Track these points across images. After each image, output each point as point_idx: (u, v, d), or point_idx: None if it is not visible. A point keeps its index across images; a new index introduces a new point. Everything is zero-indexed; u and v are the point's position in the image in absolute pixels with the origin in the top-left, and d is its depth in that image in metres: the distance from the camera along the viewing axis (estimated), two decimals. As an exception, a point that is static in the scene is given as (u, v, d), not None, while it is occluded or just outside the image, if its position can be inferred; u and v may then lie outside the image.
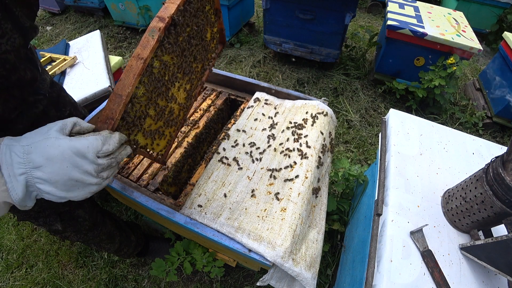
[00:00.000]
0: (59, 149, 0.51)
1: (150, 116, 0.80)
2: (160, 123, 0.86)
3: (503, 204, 0.76)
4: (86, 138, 0.54)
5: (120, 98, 0.66)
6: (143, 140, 0.81)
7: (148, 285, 1.67)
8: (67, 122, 0.57)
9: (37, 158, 0.50)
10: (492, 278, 0.83)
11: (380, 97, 2.84)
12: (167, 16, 0.73)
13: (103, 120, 0.65)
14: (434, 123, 1.24)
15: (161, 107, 0.83)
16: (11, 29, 0.67)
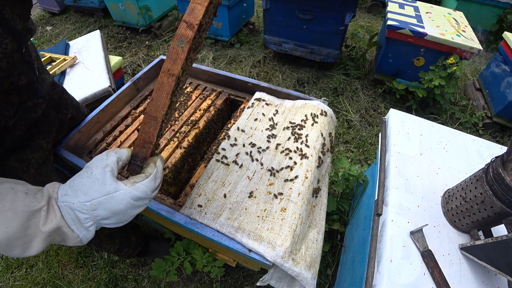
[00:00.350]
0: (123, 203, 0.56)
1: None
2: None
3: (503, 204, 0.76)
4: (143, 183, 0.58)
5: (155, 120, 0.64)
6: None
7: (148, 285, 1.67)
8: (113, 166, 0.58)
9: (103, 213, 0.56)
10: (492, 278, 0.83)
11: (380, 97, 2.84)
12: (196, 23, 0.62)
13: (140, 144, 0.64)
14: (434, 123, 1.24)
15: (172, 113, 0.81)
16: (1, 34, 0.62)
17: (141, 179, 0.59)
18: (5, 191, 0.51)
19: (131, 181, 0.58)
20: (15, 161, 0.88)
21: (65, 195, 0.55)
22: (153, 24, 3.74)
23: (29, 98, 0.87)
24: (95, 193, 0.54)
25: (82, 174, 0.56)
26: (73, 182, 0.56)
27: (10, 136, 0.84)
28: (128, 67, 3.28)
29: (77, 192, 0.54)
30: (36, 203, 0.52)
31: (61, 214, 0.54)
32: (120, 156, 0.60)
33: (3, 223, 0.48)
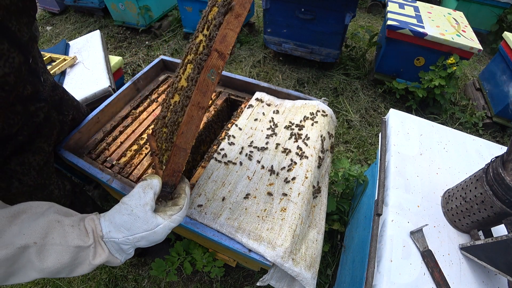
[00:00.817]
0: (163, 235, 0.63)
1: None
2: None
3: (503, 204, 0.76)
4: (178, 215, 0.64)
5: (185, 152, 0.66)
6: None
7: (148, 285, 1.67)
8: (151, 203, 0.62)
9: (145, 243, 0.63)
10: (492, 278, 0.83)
11: (380, 97, 2.84)
12: (227, 52, 0.58)
13: (170, 173, 0.67)
14: (434, 123, 1.24)
15: None
16: (8, 49, 0.61)
17: (176, 212, 0.64)
18: (52, 224, 0.57)
19: (168, 214, 0.63)
20: (16, 165, 0.88)
21: (109, 232, 0.60)
22: (153, 24, 3.74)
23: (32, 103, 0.86)
24: (138, 229, 0.60)
25: (122, 211, 0.60)
26: (114, 219, 0.60)
27: (12, 142, 0.83)
28: (128, 67, 3.28)
29: (120, 228, 0.60)
30: (86, 240, 0.58)
31: (108, 249, 0.61)
32: (156, 191, 0.64)
33: (55, 256, 0.54)
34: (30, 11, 0.69)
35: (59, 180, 1.08)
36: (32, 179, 0.93)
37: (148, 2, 3.49)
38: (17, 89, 0.71)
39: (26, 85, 0.76)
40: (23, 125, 0.84)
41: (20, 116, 0.79)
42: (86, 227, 0.59)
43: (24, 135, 0.86)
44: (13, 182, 0.89)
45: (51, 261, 0.53)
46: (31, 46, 0.72)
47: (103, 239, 0.60)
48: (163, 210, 0.64)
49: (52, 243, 0.54)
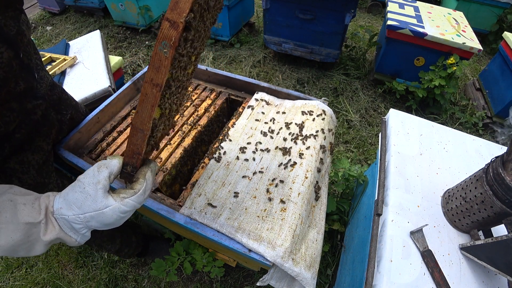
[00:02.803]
0: (113, 218, 0.62)
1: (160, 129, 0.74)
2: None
3: (503, 204, 0.76)
4: (131, 199, 0.62)
5: (142, 133, 0.63)
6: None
7: (148, 285, 1.67)
8: (104, 182, 0.60)
9: (95, 224, 0.62)
10: (492, 278, 0.83)
11: (380, 97, 2.84)
12: (180, 21, 0.50)
13: (129, 155, 0.65)
14: (434, 123, 1.24)
15: (171, 119, 0.76)
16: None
17: (130, 195, 0.62)
18: (4, 203, 0.57)
19: (121, 196, 0.61)
20: (15, 163, 0.88)
21: (60, 208, 0.59)
22: (153, 24, 3.74)
23: (28, 100, 0.86)
24: (87, 208, 0.59)
25: (75, 188, 0.60)
26: (67, 196, 0.60)
27: (10, 140, 0.83)
28: (128, 67, 3.28)
29: (71, 205, 0.59)
30: (36, 216, 0.58)
31: (59, 226, 0.60)
32: (112, 170, 0.62)
33: (7, 233, 0.55)
34: (16, 4, 0.68)
35: (58, 179, 1.08)
36: (32, 178, 0.93)
37: (148, 2, 3.49)
38: (8, 85, 0.71)
39: (18, 81, 0.75)
40: (21, 122, 0.84)
41: (16, 114, 0.79)
42: (41, 204, 0.59)
43: (22, 133, 0.85)
44: (12, 180, 0.89)
45: (4, 239, 0.54)
46: (20, 40, 0.71)
47: (53, 215, 0.59)
48: (118, 192, 0.63)
49: (4, 222, 0.55)
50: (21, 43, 0.73)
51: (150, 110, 0.60)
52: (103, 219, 0.61)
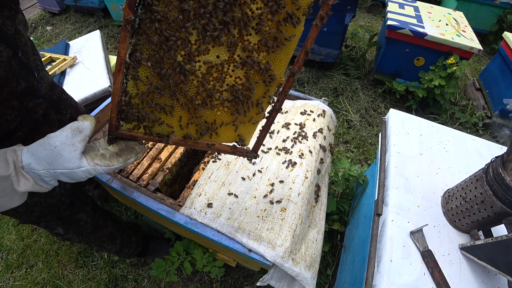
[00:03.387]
0: (83, 176, 0.66)
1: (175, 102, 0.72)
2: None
3: (503, 204, 0.76)
4: (102, 169, 0.67)
5: (112, 97, 0.68)
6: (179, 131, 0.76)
7: (148, 285, 1.67)
8: (78, 145, 0.63)
9: (65, 179, 0.66)
10: (492, 278, 0.83)
11: (380, 97, 2.84)
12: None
13: (104, 120, 0.70)
14: (434, 123, 1.24)
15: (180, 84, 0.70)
16: None
17: (103, 165, 0.67)
18: None
19: (94, 161, 0.65)
20: None
21: (29, 163, 0.63)
22: (153, 24, 3.73)
23: (30, 99, 0.86)
24: (59, 166, 0.63)
25: (45, 145, 0.62)
26: (36, 152, 0.62)
27: (11, 138, 0.83)
28: (128, 67, 3.27)
29: (41, 161, 0.62)
30: (4, 171, 0.61)
31: (32, 178, 0.64)
32: (86, 134, 0.65)
33: None
34: (11, 4, 0.71)
35: None
36: None
37: (148, 2, 3.49)
38: (10, 84, 0.72)
39: (20, 80, 0.76)
40: (22, 121, 0.84)
41: (17, 112, 0.79)
42: (8, 158, 0.62)
43: (23, 131, 0.85)
44: None
45: None
46: (18, 40, 0.73)
47: (24, 170, 0.63)
48: (93, 155, 0.66)
49: None
50: (19, 42, 0.73)
51: (115, 78, 0.66)
52: (73, 176, 0.65)
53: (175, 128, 0.76)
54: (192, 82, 0.70)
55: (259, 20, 0.63)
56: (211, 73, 0.68)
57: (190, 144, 0.78)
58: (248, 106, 0.74)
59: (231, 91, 0.71)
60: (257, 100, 0.73)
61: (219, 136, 0.78)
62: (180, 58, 0.65)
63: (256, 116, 0.77)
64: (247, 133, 0.80)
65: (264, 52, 0.67)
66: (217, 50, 0.66)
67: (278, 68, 0.70)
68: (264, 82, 0.70)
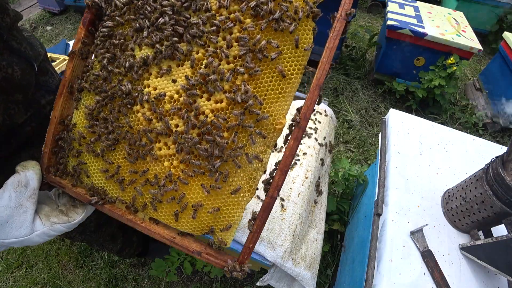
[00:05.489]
0: (39, 241, 0.56)
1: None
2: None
3: (503, 204, 0.76)
4: (64, 226, 0.57)
5: (50, 125, 0.65)
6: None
7: (148, 285, 1.67)
8: (28, 204, 0.53)
9: (17, 246, 0.55)
10: (492, 278, 0.83)
11: (380, 97, 2.84)
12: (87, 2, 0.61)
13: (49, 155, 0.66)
14: (434, 123, 1.24)
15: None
16: None
17: (62, 222, 0.55)
18: None
19: (51, 220, 0.54)
20: (26, 158, 0.88)
21: None
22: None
23: (42, 96, 0.85)
24: (6, 235, 0.51)
25: None
26: None
27: (19, 133, 0.83)
28: (128, 67, 3.27)
29: None
30: None
31: None
32: (33, 186, 0.53)
33: None
34: None
35: None
36: None
37: (148, 2, 3.48)
38: (2, 70, 0.67)
39: (13, 66, 0.72)
40: (31, 115, 0.83)
41: (21, 106, 0.77)
42: None
43: (32, 126, 0.84)
44: None
45: None
46: (3, 20, 0.68)
47: None
48: (48, 212, 0.53)
49: None
50: (3, 22, 0.69)
51: (56, 102, 0.64)
52: (27, 244, 0.54)
53: (107, 186, 0.61)
54: (135, 114, 0.59)
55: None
56: (162, 101, 0.58)
57: (128, 220, 0.60)
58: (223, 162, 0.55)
59: (199, 130, 0.57)
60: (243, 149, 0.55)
61: (166, 214, 0.60)
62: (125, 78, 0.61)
63: (240, 182, 0.56)
64: (226, 217, 0.58)
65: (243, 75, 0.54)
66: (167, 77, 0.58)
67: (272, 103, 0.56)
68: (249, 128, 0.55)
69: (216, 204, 0.57)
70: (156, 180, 0.57)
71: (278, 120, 0.54)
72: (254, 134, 0.54)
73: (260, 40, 0.52)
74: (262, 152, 0.55)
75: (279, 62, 0.53)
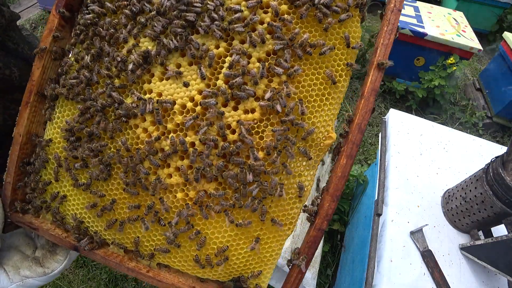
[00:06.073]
0: None
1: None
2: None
3: (503, 204, 0.76)
4: (39, 280, 0.45)
5: (13, 147, 0.54)
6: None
7: (148, 285, 1.67)
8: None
9: None
10: (492, 278, 0.83)
11: (380, 97, 2.84)
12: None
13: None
14: (434, 123, 1.24)
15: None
16: None
17: (37, 275, 0.42)
18: None
19: (21, 274, 0.40)
20: None
21: None
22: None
23: None
24: None
25: None
26: None
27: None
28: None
29: None
30: None
31: None
32: None
33: None
34: None
35: None
36: None
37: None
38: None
39: (11, 67, 0.72)
40: None
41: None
42: None
43: None
44: None
45: None
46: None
47: None
48: (17, 262, 0.40)
49: None
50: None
51: (20, 115, 0.51)
52: None
53: (96, 226, 0.48)
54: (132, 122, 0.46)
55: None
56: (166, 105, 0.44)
57: (130, 270, 0.50)
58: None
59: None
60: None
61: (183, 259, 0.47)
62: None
63: (277, 214, 0.49)
64: (262, 257, 0.50)
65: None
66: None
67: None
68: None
69: (247, 243, 0.47)
70: (166, 216, 0.46)
71: (326, 133, 0.43)
72: (297, 152, 0.43)
73: (300, 33, 0.41)
74: (304, 175, 0.45)
75: (326, 62, 0.43)
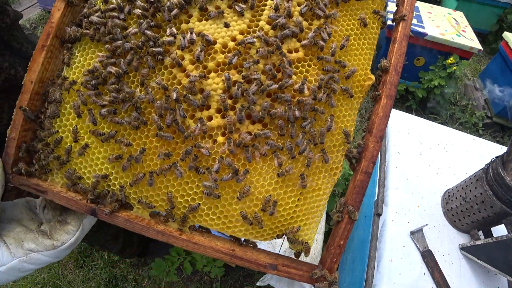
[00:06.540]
0: (9, 279, 0.44)
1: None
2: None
3: (503, 204, 0.76)
4: (47, 255, 0.43)
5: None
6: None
7: (148, 285, 1.67)
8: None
9: None
10: (492, 278, 0.83)
11: (380, 97, 2.84)
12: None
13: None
14: (434, 123, 1.24)
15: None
16: None
17: (44, 249, 0.37)
18: None
19: (24, 247, 0.36)
20: None
21: None
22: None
23: None
24: None
25: None
26: None
27: None
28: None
29: None
30: None
31: None
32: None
33: None
34: None
35: None
36: None
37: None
38: (3, 72, 0.66)
39: (16, 67, 0.72)
40: None
41: None
42: None
43: None
44: None
45: None
46: (1, 20, 0.67)
47: None
48: (21, 235, 0.37)
49: None
50: (3, 23, 0.69)
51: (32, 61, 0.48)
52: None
53: (121, 182, 0.43)
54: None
55: None
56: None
57: (160, 233, 0.44)
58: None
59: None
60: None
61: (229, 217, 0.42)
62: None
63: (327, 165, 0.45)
64: (310, 207, 0.47)
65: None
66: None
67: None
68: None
69: (294, 191, 0.43)
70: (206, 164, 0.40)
71: (365, 75, 0.44)
72: (339, 92, 0.44)
73: None
74: (347, 117, 0.45)
75: (360, 9, 0.45)
